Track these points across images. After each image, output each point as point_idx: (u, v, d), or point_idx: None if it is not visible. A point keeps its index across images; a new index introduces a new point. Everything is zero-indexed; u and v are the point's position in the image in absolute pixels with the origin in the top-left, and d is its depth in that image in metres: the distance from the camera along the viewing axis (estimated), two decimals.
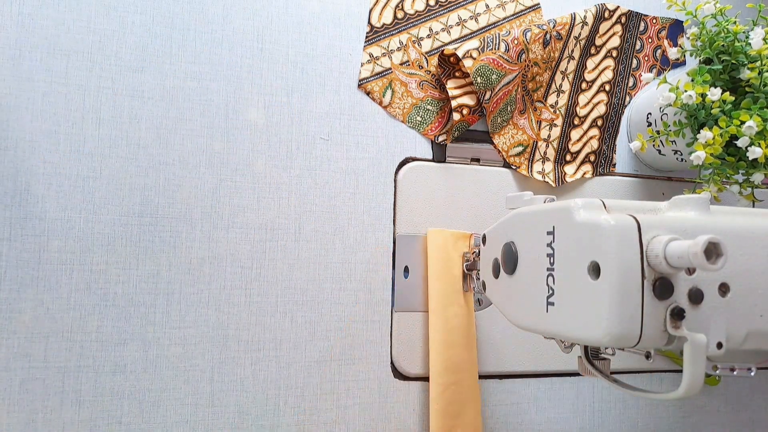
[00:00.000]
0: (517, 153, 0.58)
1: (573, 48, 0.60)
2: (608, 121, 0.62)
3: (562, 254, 0.35)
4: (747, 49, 0.50)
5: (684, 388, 0.30)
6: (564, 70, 0.61)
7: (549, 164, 0.59)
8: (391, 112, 0.56)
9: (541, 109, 0.60)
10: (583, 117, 0.61)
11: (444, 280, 0.54)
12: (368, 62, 0.56)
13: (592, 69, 0.62)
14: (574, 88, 0.61)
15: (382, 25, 0.56)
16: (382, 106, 0.56)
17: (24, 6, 0.48)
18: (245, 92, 0.52)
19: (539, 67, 0.58)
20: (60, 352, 0.46)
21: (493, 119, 0.57)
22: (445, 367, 0.52)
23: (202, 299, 0.49)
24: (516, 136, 0.59)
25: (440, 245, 0.54)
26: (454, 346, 0.53)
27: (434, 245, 0.54)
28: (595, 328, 0.31)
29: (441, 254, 0.54)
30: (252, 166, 0.52)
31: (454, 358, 0.52)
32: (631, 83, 0.63)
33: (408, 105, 0.56)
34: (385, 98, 0.56)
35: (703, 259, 0.27)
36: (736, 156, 0.49)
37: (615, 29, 0.63)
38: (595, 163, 0.61)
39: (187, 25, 0.51)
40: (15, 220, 0.46)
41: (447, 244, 0.54)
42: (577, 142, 0.61)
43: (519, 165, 0.58)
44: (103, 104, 0.49)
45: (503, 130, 0.58)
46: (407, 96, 0.56)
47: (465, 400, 0.52)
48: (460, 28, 0.59)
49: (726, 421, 0.63)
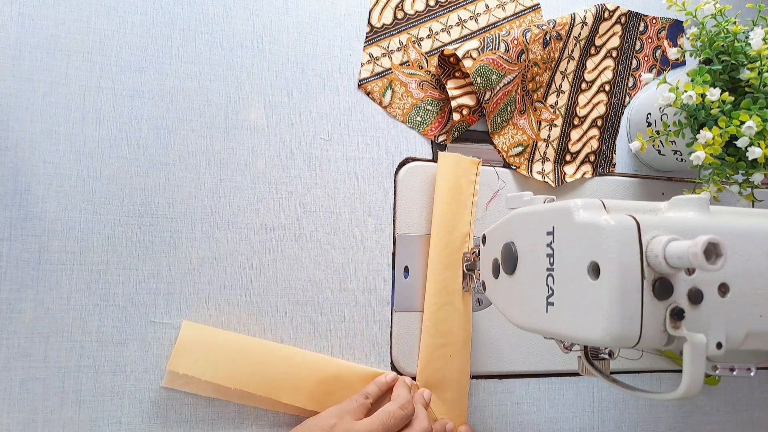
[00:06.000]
0: (517, 153, 0.59)
1: (573, 48, 0.60)
2: (608, 121, 0.62)
3: (562, 254, 0.35)
4: (747, 49, 0.50)
5: (684, 388, 0.30)
6: (564, 70, 0.61)
7: (549, 164, 0.59)
8: (391, 113, 0.56)
9: (541, 109, 0.60)
10: (582, 117, 0.61)
11: (450, 205, 0.54)
12: (368, 62, 0.56)
13: (592, 69, 0.62)
14: (574, 89, 0.61)
15: (382, 25, 0.56)
16: (382, 107, 0.56)
17: (24, 6, 0.48)
18: (245, 92, 0.52)
19: (539, 68, 0.58)
20: (60, 352, 0.46)
21: (493, 119, 0.57)
22: (440, 288, 0.53)
23: (202, 299, 0.50)
24: (516, 136, 0.59)
25: (450, 169, 0.55)
26: (451, 269, 0.53)
27: (444, 168, 0.55)
28: (594, 328, 0.31)
29: (450, 177, 0.55)
30: (252, 166, 0.52)
31: (449, 281, 0.53)
32: (630, 83, 0.63)
33: (408, 105, 0.56)
34: (385, 98, 0.56)
35: (702, 259, 0.27)
36: (736, 156, 0.49)
37: (615, 29, 0.63)
38: (594, 163, 0.61)
39: (187, 25, 0.51)
40: (15, 220, 0.46)
41: (457, 169, 0.55)
42: (576, 142, 0.61)
43: (519, 165, 0.58)
44: (103, 104, 0.49)
45: (503, 130, 0.58)
46: (407, 96, 0.56)
47: (455, 321, 0.53)
48: (460, 29, 0.59)
49: (726, 421, 0.63)
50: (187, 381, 0.48)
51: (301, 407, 0.49)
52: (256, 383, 0.48)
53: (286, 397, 0.48)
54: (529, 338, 0.57)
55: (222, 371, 0.47)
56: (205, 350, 0.48)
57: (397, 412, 0.47)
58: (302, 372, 0.49)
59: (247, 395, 0.49)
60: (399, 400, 0.48)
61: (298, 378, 0.49)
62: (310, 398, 0.49)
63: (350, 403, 0.48)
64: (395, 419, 0.46)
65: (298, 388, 0.49)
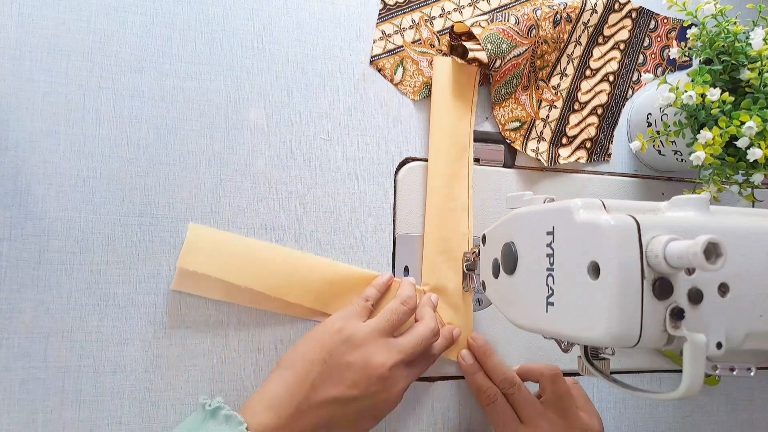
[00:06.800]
0: (513, 128, 0.59)
1: (581, 33, 0.61)
2: (608, 110, 0.62)
3: (562, 254, 0.35)
4: (747, 49, 0.50)
5: (684, 388, 0.30)
6: (570, 54, 0.61)
7: (544, 144, 0.59)
8: (402, 90, 0.56)
9: (544, 88, 0.60)
10: (583, 103, 0.61)
11: (453, 106, 0.56)
12: (380, 39, 0.56)
13: (598, 58, 0.62)
14: (578, 74, 0.61)
15: (395, 3, 0.57)
16: (393, 84, 0.56)
17: (24, 6, 0.48)
18: (245, 92, 0.52)
19: (548, 46, 0.58)
20: (60, 351, 0.46)
21: (498, 89, 0.57)
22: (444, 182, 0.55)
23: (202, 299, 0.49)
24: (515, 111, 0.59)
25: (448, 70, 0.56)
26: (459, 161, 0.55)
27: (441, 70, 0.56)
28: (594, 328, 0.31)
29: (449, 78, 0.56)
30: (252, 166, 0.52)
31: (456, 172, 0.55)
32: (635, 77, 0.64)
33: (419, 84, 0.57)
34: (396, 76, 0.56)
35: (702, 259, 0.27)
36: (736, 156, 0.49)
37: (625, 23, 0.63)
38: (590, 150, 0.61)
39: (187, 25, 0.51)
40: (15, 220, 0.46)
41: (455, 68, 0.56)
42: (574, 126, 0.61)
43: (514, 140, 0.58)
44: (103, 104, 0.49)
45: (505, 102, 0.58)
46: (418, 74, 0.57)
47: (456, 240, 0.55)
48: (472, 9, 0.59)
49: (726, 421, 0.63)
50: (196, 282, 0.48)
51: (308, 307, 0.50)
52: (264, 282, 0.49)
53: (294, 296, 0.49)
54: (529, 338, 0.57)
55: (231, 270, 0.48)
56: (213, 249, 0.48)
57: (400, 308, 0.48)
58: (310, 274, 0.50)
59: (256, 296, 0.49)
60: (401, 296, 0.50)
61: (306, 279, 0.50)
62: (318, 299, 0.50)
63: (352, 307, 0.49)
64: (399, 315, 0.48)
65: (306, 288, 0.50)
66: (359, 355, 0.44)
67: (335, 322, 0.47)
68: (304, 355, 0.45)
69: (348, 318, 0.47)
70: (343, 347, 0.45)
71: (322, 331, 0.47)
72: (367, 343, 0.45)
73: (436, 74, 0.56)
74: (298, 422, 0.42)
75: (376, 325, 0.46)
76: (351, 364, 0.44)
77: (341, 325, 0.46)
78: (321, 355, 0.44)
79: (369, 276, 0.53)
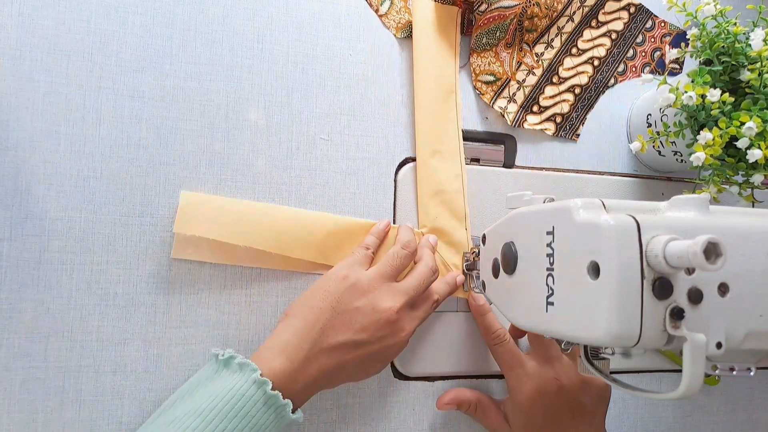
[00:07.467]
0: (486, 81, 0.58)
1: (575, 10, 0.61)
2: (586, 92, 0.62)
3: (562, 254, 0.35)
4: (747, 50, 0.50)
5: (684, 388, 0.30)
6: (561, 27, 0.61)
7: (513, 105, 0.59)
8: (386, 23, 0.56)
9: (527, 52, 0.60)
10: (563, 78, 0.61)
11: (437, 47, 0.56)
12: None
13: (588, 40, 0.62)
14: (564, 49, 0.61)
15: None
16: (378, 15, 0.56)
17: (24, 6, 0.48)
18: (245, 92, 0.52)
19: (540, 9, 0.58)
20: (60, 351, 0.46)
21: (479, 36, 0.57)
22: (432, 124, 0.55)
23: (202, 299, 0.50)
24: (493, 64, 0.59)
25: (429, 11, 0.56)
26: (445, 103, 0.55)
27: (421, 11, 0.56)
28: (594, 327, 0.31)
29: (431, 19, 0.56)
30: (252, 167, 0.52)
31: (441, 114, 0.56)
32: (621, 68, 0.64)
33: (404, 21, 0.57)
34: (382, 7, 0.56)
35: (702, 259, 0.27)
36: (736, 157, 0.49)
37: (621, 14, 0.63)
38: (560, 125, 0.61)
39: (187, 25, 0.51)
40: (15, 220, 0.46)
41: (436, 9, 0.56)
42: (548, 98, 0.61)
43: (484, 93, 0.58)
44: (103, 104, 0.49)
45: (484, 52, 0.58)
46: (404, 11, 0.57)
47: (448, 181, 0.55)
48: None
49: (726, 421, 0.63)
50: (195, 248, 0.48)
51: (311, 261, 0.50)
52: (265, 240, 0.49)
53: (296, 252, 0.50)
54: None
55: (230, 230, 0.48)
56: (209, 213, 0.48)
57: (401, 252, 0.49)
58: (309, 228, 0.51)
59: (258, 255, 0.49)
60: (401, 240, 0.50)
61: (306, 233, 0.50)
62: (320, 252, 0.51)
63: (354, 256, 0.49)
64: (401, 259, 0.49)
65: (307, 242, 0.50)
66: (366, 300, 0.45)
67: (340, 270, 0.48)
68: (311, 304, 0.46)
69: (351, 266, 0.48)
70: (349, 293, 0.45)
71: (327, 280, 0.47)
72: (373, 288, 0.46)
73: (416, 16, 0.56)
74: (309, 367, 0.43)
75: (381, 271, 0.47)
76: (359, 309, 0.45)
77: (346, 272, 0.47)
78: (328, 302, 0.45)
79: (367, 225, 0.53)
